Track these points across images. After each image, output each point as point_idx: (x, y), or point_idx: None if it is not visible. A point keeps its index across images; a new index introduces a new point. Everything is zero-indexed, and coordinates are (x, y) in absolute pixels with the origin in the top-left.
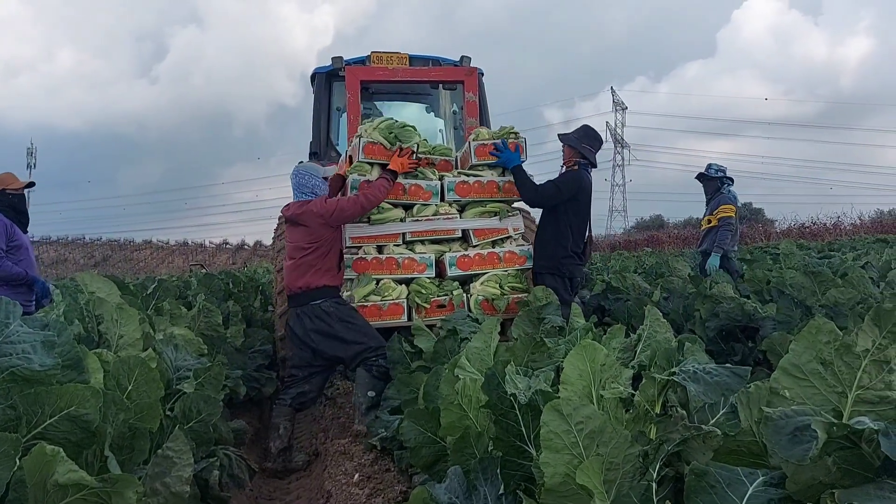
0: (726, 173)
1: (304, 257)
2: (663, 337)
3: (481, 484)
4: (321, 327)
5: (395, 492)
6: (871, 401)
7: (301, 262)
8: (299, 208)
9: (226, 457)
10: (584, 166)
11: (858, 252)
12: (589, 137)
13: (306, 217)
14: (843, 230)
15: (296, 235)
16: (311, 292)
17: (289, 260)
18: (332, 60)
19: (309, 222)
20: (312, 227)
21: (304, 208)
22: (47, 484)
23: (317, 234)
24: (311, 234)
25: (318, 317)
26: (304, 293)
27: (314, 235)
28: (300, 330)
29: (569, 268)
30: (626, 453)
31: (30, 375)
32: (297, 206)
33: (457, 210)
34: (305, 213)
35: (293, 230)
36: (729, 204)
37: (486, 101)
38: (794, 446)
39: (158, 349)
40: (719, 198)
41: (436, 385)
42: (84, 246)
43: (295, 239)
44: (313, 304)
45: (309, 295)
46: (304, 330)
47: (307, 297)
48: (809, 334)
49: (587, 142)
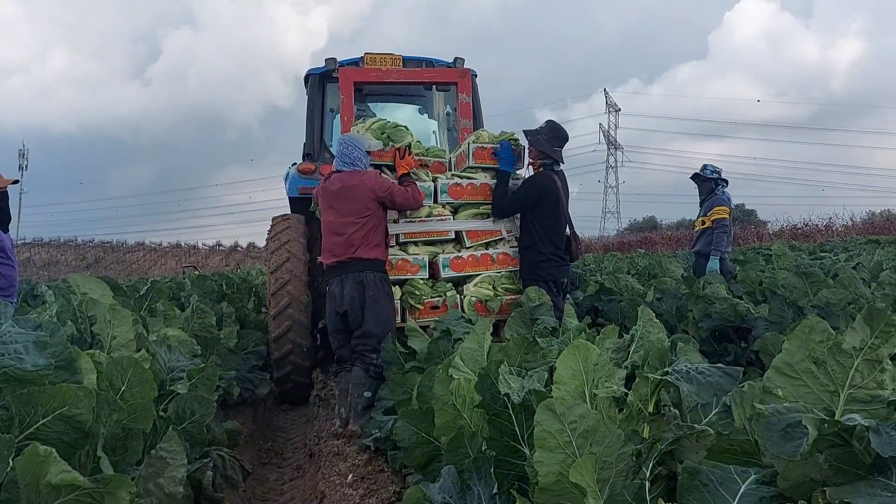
0: (721, 175)
1: (356, 232)
2: (656, 337)
3: (475, 483)
4: (357, 294)
5: (389, 492)
6: (863, 399)
7: (354, 235)
8: (350, 179)
9: (219, 457)
10: (549, 166)
11: (850, 253)
12: (556, 137)
13: (358, 190)
14: (835, 231)
15: (345, 208)
16: (361, 262)
17: (334, 235)
18: (326, 62)
19: (360, 195)
20: (362, 200)
21: (355, 180)
22: (40, 484)
23: (367, 207)
24: (361, 208)
25: (359, 283)
26: (351, 262)
27: (364, 208)
28: (338, 293)
29: (549, 271)
30: (620, 452)
31: (22, 376)
32: (346, 177)
33: (450, 212)
34: (358, 186)
35: (340, 203)
36: (723, 205)
37: (480, 102)
38: (785, 443)
39: (152, 350)
40: (713, 199)
41: (430, 385)
42: (76, 247)
43: (345, 212)
44: (359, 272)
45: (357, 264)
46: (341, 293)
47: (354, 266)
48: (802, 333)
49: (555, 142)
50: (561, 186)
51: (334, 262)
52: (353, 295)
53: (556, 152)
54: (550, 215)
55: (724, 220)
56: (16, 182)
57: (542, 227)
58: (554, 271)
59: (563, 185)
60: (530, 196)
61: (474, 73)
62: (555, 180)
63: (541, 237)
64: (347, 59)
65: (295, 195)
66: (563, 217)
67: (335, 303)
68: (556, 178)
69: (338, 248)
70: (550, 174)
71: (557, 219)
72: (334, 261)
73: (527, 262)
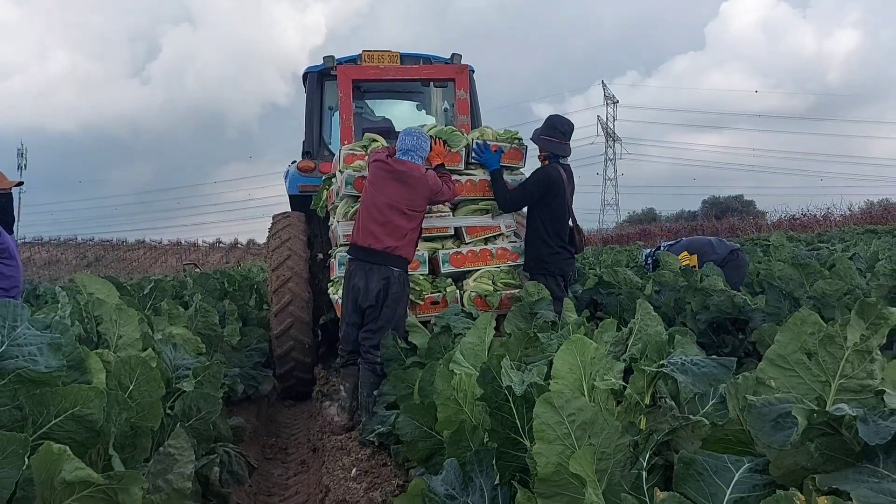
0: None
1: (402, 223)
2: (654, 330)
3: (477, 475)
4: (382, 289)
5: (393, 486)
6: (854, 389)
7: (398, 226)
8: (414, 168)
9: (225, 454)
10: (553, 159)
11: (847, 243)
12: (552, 129)
13: (420, 183)
14: (833, 221)
15: (400, 194)
16: (394, 258)
17: (380, 214)
18: (324, 60)
19: (420, 188)
20: (420, 194)
21: (418, 171)
22: (54, 482)
23: (418, 202)
24: (413, 201)
25: (385, 278)
26: (385, 254)
27: (416, 203)
28: (363, 286)
29: (557, 265)
30: (617, 443)
31: (36, 377)
32: (412, 164)
33: (449, 208)
34: (421, 179)
35: (398, 187)
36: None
37: (478, 98)
38: (776, 432)
39: (158, 349)
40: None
41: (431, 380)
42: (76, 246)
43: (399, 199)
44: (388, 266)
45: (390, 258)
46: (366, 287)
47: (386, 259)
48: (794, 325)
49: (553, 135)
50: (566, 179)
51: (367, 247)
52: (378, 289)
53: (552, 143)
54: (556, 207)
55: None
56: (20, 184)
57: (548, 220)
58: (561, 264)
59: (569, 178)
60: (539, 188)
61: (472, 70)
62: (560, 172)
63: (546, 230)
64: (345, 57)
65: (295, 193)
66: (567, 209)
67: (359, 296)
68: (562, 170)
69: (377, 233)
70: (556, 166)
71: (562, 211)
72: (368, 245)
73: (534, 256)
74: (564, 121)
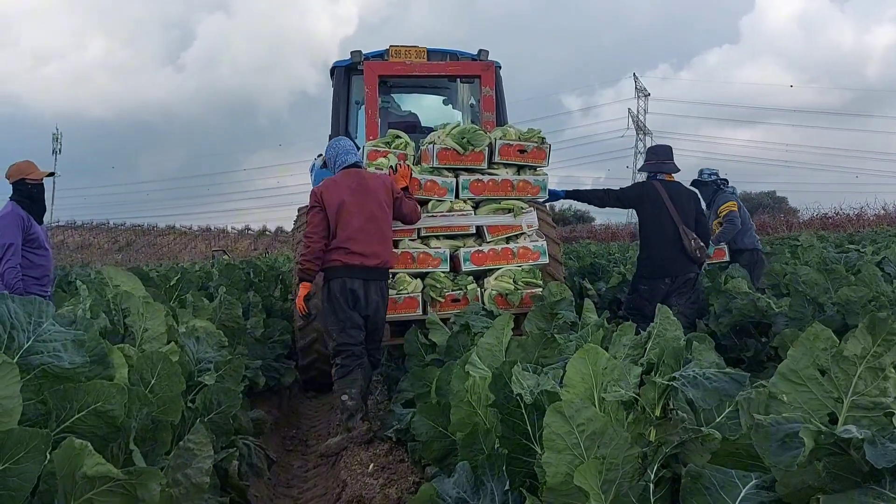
0: (719, 175)
1: (390, 234)
2: (673, 335)
3: (488, 479)
4: (381, 299)
5: (409, 482)
6: (866, 406)
7: (388, 238)
8: (366, 176)
9: (245, 446)
10: (652, 176)
11: (878, 245)
12: (648, 154)
13: (379, 186)
14: (866, 221)
15: (371, 204)
16: (384, 271)
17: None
18: (351, 54)
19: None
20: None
21: (371, 176)
22: (76, 476)
23: (389, 204)
24: (386, 205)
25: (380, 289)
26: (378, 269)
27: (388, 205)
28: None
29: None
30: (626, 454)
31: (60, 372)
32: (359, 174)
33: (471, 206)
34: (377, 183)
35: (364, 199)
36: (729, 200)
37: (504, 94)
38: (783, 452)
39: (181, 342)
40: (721, 198)
41: (447, 380)
42: (108, 231)
43: (372, 208)
44: (380, 281)
45: (382, 272)
46: (366, 297)
47: (382, 275)
48: (807, 341)
49: (649, 158)
50: (665, 192)
51: (361, 265)
52: (377, 300)
53: (649, 165)
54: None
55: (733, 212)
56: (51, 174)
57: (646, 229)
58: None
59: (673, 193)
60: (630, 198)
61: (498, 65)
62: (655, 186)
63: (647, 238)
64: (372, 52)
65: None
66: (667, 219)
67: (358, 305)
68: (660, 185)
69: (369, 246)
70: (652, 182)
71: (660, 222)
72: (362, 263)
73: (639, 259)
74: (658, 146)
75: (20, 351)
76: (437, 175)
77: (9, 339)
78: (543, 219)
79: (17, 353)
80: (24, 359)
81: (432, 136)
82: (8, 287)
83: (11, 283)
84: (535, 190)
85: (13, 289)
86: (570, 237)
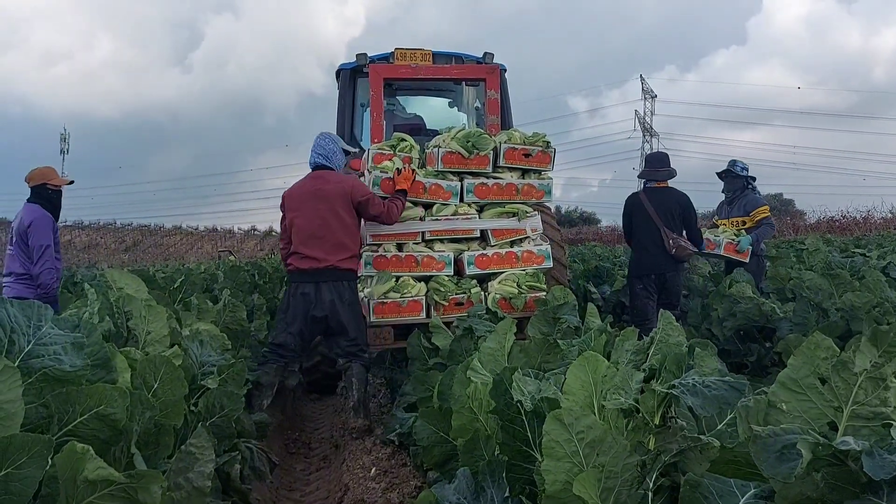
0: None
1: (341, 237)
2: (675, 341)
3: (489, 486)
4: (337, 299)
5: (411, 487)
6: (866, 416)
7: (342, 241)
8: (328, 179)
9: (247, 450)
10: (645, 183)
11: (885, 249)
12: (646, 161)
13: (337, 192)
14: (873, 224)
15: (325, 210)
16: (339, 272)
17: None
18: (357, 57)
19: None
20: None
21: (333, 180)
22: (77, 480)
23: (347, 210)
24: (342, 211)
25: (336, 290)
26: (329, 270)
27: (345, 211)
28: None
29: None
30: (625, 462)
31: (61, 376)
32: (322, 177)
33: (476, 210)
34: (336, 188)
35: (319, 204)
36: (764, 205)
37: (509, 98)
38: (780, 464)
39: (184, 345)
40: (753, 198)
41: (449, 385)
42: (115, 231)
43: (326, 214)
44: (336, 282)
45: (335, 274)
46: (318, 298)
47: (331, 276)
48: (808, 349)
49: (645, 166)
50: (649, 200)
51: (311, 269)
52: (332, 299)
53: (645, 173)
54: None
55: (770, 217)
56: (71, 182)
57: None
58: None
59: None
60: (624, 215)
61: (503, 68)
62: (640, 198)
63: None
64: (378, 55)
65: None
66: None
67: (310, 306)
68: (644, 195)
69: (318, 251)
70: (637, 194)
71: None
72: (312, 267)
73: (629, 264)
74: (654, 154)
75: (21, 354)
76: (441, 178)
77: (9, 343)
78: (548, 222)
79: (17, 356)
80: (24, 362)
81: (437, 139)
82: (44, 287)
83: (48, 283)
84: (539, 194)
85: (50, 289)
86: (576, 239)
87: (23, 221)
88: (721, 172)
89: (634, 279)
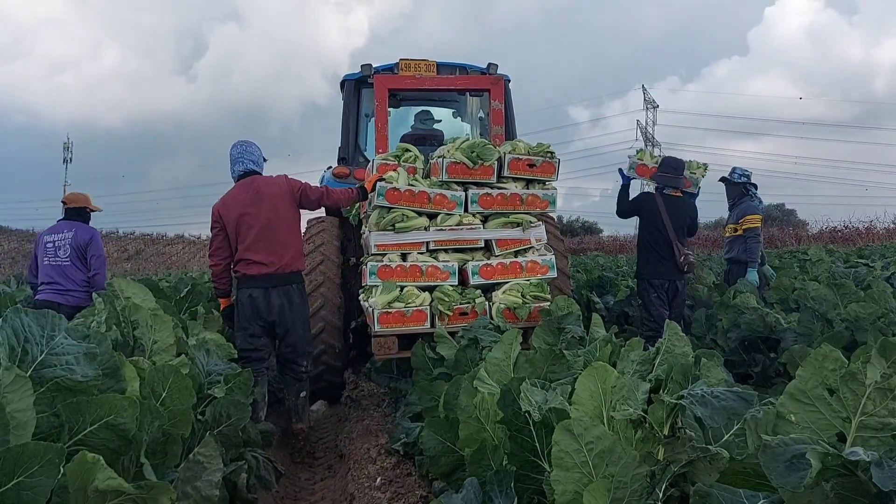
0: (750, 178)
1: (288, 238)
2: (681, 351)
3: (496, 496)
4: (286, 303)
5: (416, 496)
6: (875, 427)
7: (285, 242)
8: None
9: (254, 459)
10: (659, 189)
11: (888, 260)
12: (664, 166)
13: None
14: (876, 234)
15: (266, 213)
16: (288, 276)
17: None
18: (362, 68)
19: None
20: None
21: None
22: (87, 490)
23: (289, 209)
24: (284, 211)
25: (286, 293)
26: (279, 275)
27: (287, 211)
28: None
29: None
30: (634, 473)
31: (73, 385)
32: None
33: (480, 220)
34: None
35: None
36: (755, 214)
37: (513, 108)
38: (790, 474)
39: (191, 354)
40: (745, 205)
41: (455, 395)
42: (118, 239)
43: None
44: (285, 285)
45: (284, 277)
46: (267, 304)
47: (281, 280)
48: (816, 361)
49: (662, 170)
50: (664, 206)
51: (260, 274)
52: (281, 303)
53: (661, 178)
54: (649, 227)
55: (757, 229)
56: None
57: (644, 237)
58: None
59: (672, 208)
60: (630, 208)
61: (507, 79)
62: (655, 200)
63: (644, 245)
64: (382, 66)
65: None
66: (662, 232)
67: (262, 312)
68: (660, 197)
69: (265, 255)
70: (654, 195)
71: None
72: (261, 272)
73: (637, 267)
74: (673, 160)
75: (34, 364)
76: (446, 189)
77: (22, 353)
78: (552, 232)
79: (30, 366)
80: (37, 372)
81: (442, 149)
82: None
83: (102, 286)
84: (543, 204)
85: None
86: (578, 249)
87: (79, 237)
88: (722, 179)
89: (648, 286)
